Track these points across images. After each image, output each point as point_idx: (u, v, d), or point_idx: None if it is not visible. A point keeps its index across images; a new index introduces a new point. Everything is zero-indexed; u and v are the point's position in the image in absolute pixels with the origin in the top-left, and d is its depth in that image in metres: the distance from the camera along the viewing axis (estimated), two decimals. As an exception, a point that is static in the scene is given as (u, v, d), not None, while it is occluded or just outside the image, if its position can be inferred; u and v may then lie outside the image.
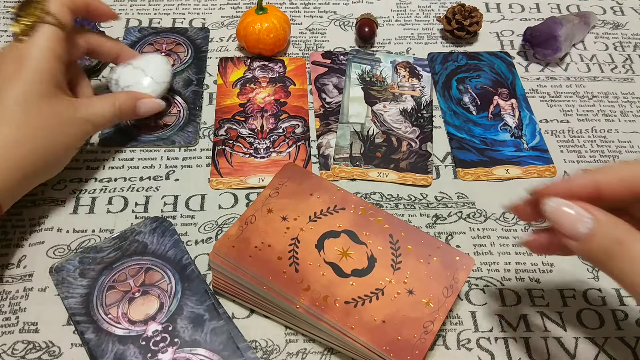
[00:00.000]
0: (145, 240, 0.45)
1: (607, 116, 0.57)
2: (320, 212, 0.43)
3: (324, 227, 0.42)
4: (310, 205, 0.43)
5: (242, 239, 0.41)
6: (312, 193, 0.43)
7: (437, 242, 0.42)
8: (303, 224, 0.42)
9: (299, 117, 0.55)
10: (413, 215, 0.49)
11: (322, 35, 0.64)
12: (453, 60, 0.61)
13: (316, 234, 0.41)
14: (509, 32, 0.65)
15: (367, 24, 0.61)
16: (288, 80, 0.59)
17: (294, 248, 0.40)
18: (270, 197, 0.43)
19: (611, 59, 0.63)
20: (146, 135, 0.53)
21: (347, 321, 0.37)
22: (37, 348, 0.40)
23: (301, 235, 0.41)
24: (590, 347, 0.42)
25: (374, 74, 0.59)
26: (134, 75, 0.52)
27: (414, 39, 0.64)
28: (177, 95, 0.57)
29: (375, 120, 0.55)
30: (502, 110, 0.57)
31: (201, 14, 0.65)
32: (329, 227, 0.42)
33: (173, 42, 0.61)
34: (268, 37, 0.58)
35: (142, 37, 0.62)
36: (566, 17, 0.63)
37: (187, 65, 0.59)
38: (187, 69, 0.59)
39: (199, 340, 0.40)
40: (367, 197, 0.50)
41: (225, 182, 0.50)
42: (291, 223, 0.42)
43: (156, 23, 0.64)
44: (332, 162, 0.52)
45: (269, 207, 0.43)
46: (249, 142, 0.53)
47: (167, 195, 0.49)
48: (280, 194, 0.43)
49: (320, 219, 0.42)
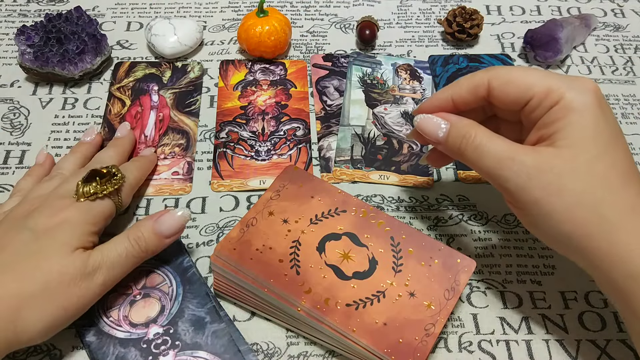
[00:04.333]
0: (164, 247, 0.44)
1: (608, 118, 0.57)
2: (322, 215, 0.43)
3: (325, 229, 0.42)
4: (312, 207, 0.43)
5: (243, 241, 0.41)
6: (313, 196, 0.43)
7: (439, 244, 0.42)
8: (304, 226, 0.42)
9: (300, 120, 0.55)
10: (414, 217, 0.49)
11: (323, 38, 0.64)
12: (454, 62, 0.61)
13: (317, 237, 0.41)
14: (509, 35, 0.65)
15: (368, 27, 0.61)
16: (289, 83, 0.59)
17: (295, 250, 0.40)
18: (272, 199, 0.43)
19: (612, 61, 0.63)
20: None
21: (348, 324, 0.37)
22: (38, 351, 0.40)
23: (302, 237, 0.41)
24: (592, 350, 0.41)
25: (374, 77, 0.59)
26: (166, 29, 0.59)
27: (415, 41, 0.64)
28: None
29: (376, 122, 0.55)
30: (503, 113, 0.57)
31: (202, 17, 0.66)
32: (330, 230, 0.42)
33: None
34: (269, 40, 0.58)
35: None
36: (567, 19, 0.63)
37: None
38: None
39: (200, 343, 0.39)
40: (369, 199, 0.50)
41: (227, 184, 0.50)
42: (292, 226, 0.42)
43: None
44: (333, 165, 0.52)
45: (270, 210, 0.42)
46: (250, 144, 0.53)
47: (168, 198, 0.49)
48: (282, 197, 0.43)
49: (322, 221, 0.42)
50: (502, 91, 0.37)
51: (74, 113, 0.55)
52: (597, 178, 0.34)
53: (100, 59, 0.58)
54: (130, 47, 0.62)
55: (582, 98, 0.34)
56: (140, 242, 0.40)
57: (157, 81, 0.58)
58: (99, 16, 0.65)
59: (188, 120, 0.55)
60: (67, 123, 0.55)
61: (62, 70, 0.56)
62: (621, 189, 0.34)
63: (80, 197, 0.41)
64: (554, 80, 0.35)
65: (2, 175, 0.50)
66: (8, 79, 0.58)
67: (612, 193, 0.34)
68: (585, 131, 0.34)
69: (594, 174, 0.34)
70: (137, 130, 0.54)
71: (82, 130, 0.54)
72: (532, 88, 0.36)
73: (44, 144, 0.53)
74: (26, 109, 0.56)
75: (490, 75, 0.37)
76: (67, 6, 0.66)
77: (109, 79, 0.59)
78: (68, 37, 0.56)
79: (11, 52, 0.61)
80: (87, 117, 0.55)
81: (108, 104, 0.56)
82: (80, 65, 0.56)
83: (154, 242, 0.41)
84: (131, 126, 0.52)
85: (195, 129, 0.55)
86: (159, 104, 0.56)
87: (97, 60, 0.57)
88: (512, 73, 0.37)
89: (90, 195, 0.41)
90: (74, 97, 0.57)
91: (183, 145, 0.53)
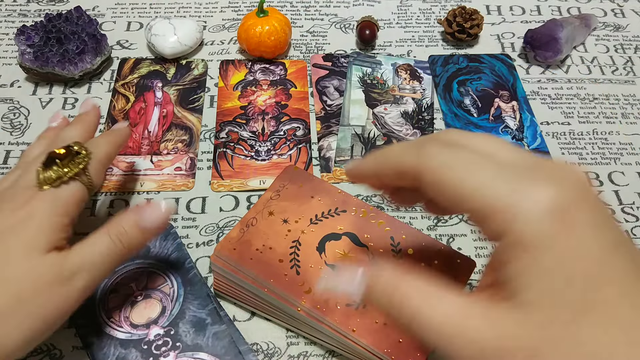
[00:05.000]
0: (147, 244, 0.44)
1: (608, 118, 0.57)
2: (322, 215, 0.43)
3: (325, 229, 0.42)
4: (312, 207, 0.43)
5: (243, 241, 0.41)
6: (313, 195, 0.43)
7: (439, 244, 0.41)
8: (304, 226, 0.42)
9: (300, 120, 0.55)
10: (414, 217, 0.49)
11: (323, 38, 0.64)
12: (454, 62, 0.61)
13: (317, 237, 0.41)
14: (509, 35, 0.65)
15: (368, 27, 0.61)
16: (289, 83, 0.59)
17: (295, 250, 0.40)
18: (272, 199, 0.43)
19: (612, 61, 0.63)
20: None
21: (348, 324, 0.37)
22: (38, 351, 0.40)
23: (302, 237, 0.41)
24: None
25: (374, 77, 0.59)
26: (166, 28, 0.59)
27: (415, 41, 0.64)
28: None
29: (376, 122, 0.55)
30: (503, 113, 0.57)
31: (202, 17, 0.66)
32: (330, 230, 0.42)
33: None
34: (269, 40, 0.58)
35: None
36: (567, 19, 0.63)
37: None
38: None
39: (200, 344, 0.39)
40: (368, 199, 0.50)
41: (227, 184, 0.50)
42: (292, 226, 0.42)
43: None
44: (333, 165, 0.52)
45: (270, 210, 0.42)
46: (250, 144, 0.53)
47: (167, 198, 0.49)
48: (282, 197, 0.43)
49: (322, 221, 0.42)
50: (434, 191, 0.26)
51: (74, 113, 0.55)
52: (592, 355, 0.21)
53: (100, 59, 0.58)
54: (130, 47, 0.62)
55: (540, 223, 0.22)
56: (123, 238, 0.35)
57: (161, 78, 0.59)
58: (99, 16, 0.65)
59: (191, 117, 0.55)
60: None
61: (62, 70, 0.56)
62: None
63: (42, 184, 0.35)
64: (499, 191, 0.23)
65: (2, 175, 0.50)
66: (8, 79, 0.58)
67: None
68: (553, 280, 0.22)
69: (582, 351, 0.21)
70: (140, 126, 0.54)
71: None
72: (467, 202, 0.24)
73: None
74: (26, 109, 0.56)
75: (421, 167, 0.26)
76: (67, 6, 0.66)
77: (109, 79, 0.59)
78: (68, 37, 0.56)
79: (11, 52, 0.61)
80: (87, 117, 0.55)
81: (112, 100, 0.56)
82: (80, 65, 0.56)
83: (138, 238, 0.36)
84: (134, 122, 0.52)
85: (198, 125, 0.55)
86: (163, 101, 0.57)
87: (97, 60, 0.57)
88: (443, 171, 0.25)
89: (53, 181, 0.35)
90: (74, 97, 0.57)
91: (186, 141, 0.53)
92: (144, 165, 0.51)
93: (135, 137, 0.53)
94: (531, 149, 0.54)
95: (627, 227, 0.49)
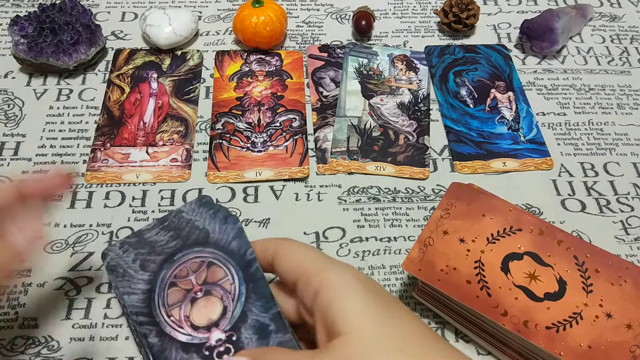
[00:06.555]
0: (206, 227, 0.36)
1: (604, 109, 0.57)
2: (497, 234, 0.42)
3: (505, 249, 0.41)
4: (485, 226, 0.42)
5: (426, 262, 0.40)
6: (484, 214, 0.42)
7: (626, 263, 0.40)
8: (482, 246, 0.41)
9: (296, 111, 0.55)
10: (410, 208, 0.49)
11: (319, 29, 0.63)
12: (450, 53, 0.61)
13: (498, 256, 0.40)
14: (506, 25, 0.65)
15: (364, 17, 0.61)
16: (285, 74, 0.58)
17: (479, 271, 0.40)
18: (442, 218, 0.42)
19: (608, 52, 0.63)
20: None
21: (553, 347, 0.36)
22: (36, 343, 0.40)
23: (483, 257, 0.40)
24: None
25: (371, 67, 0.59)
26: (161, 19, 0.59)
27: (411, 32, 0.64)
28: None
29: (372, 113, 0.55)
30: (499, 103, 0.57)
31: (197, 7, 0.65)
32: (510, 249, 0.41)
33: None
34: (265, 31, 0.57)
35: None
36: (563, 9, 0.62)
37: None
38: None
39: None
40: (365, 190, 0.50)
41: (223, 176, 0.50)
42: (470, 245, 0.41)
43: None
44: (330, 156, 0.52)
45: (443, 229, 0.42)
46: (246, 135, 0.53)
47: (164, 190, 0.49)
48: (452, 215, 0.42)
49: (499, 240, 0.41)
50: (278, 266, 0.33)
51: (69, 104, 0.55)
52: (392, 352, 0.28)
53: (94, 49, 0.57)
54: (124, 38, 0.62)
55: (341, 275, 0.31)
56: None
57: (157, 69, 0.58)
58: (93, 6, 0.65)
59: (187, 108, 0.55)
60: (62, 114, 0.54)
61: (56, 61, 0.55)
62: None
63: None
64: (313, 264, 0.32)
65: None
66: (2, 70, 0.58)
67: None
68: (356, 305, 0.30)
69: (387, 347, 0.29)
70: (135, 117, 0.54)
71: (77, 122, 0.54)
72: (295, 271, 0.32)
73: (39, 135, 0.52)
74: (20, 100, 0.55)
75: (276, 250, 0.34)
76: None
77: (104, 70, 0.58)
78: (62, 28, 0.55)
79: (5, 42, 0.60)
80: (82, 108, 0.55)
81: (107, 91, 0.56)
82: (75, 55, 0.56)
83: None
84: (130, 113, 0.52)
85: (194, 116, 0.55)
86: (158, 92, 0.56)
87: (91, 50, 0.57)
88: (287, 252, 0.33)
89: None
90: (68, 88, 0.56)
91: (182, 132, 0.53)
92: (140, 156, 0.51)
93: (130, 128, 0.53)
94: (527, 139, 0.54)
95: (622, 217, 0.49)
